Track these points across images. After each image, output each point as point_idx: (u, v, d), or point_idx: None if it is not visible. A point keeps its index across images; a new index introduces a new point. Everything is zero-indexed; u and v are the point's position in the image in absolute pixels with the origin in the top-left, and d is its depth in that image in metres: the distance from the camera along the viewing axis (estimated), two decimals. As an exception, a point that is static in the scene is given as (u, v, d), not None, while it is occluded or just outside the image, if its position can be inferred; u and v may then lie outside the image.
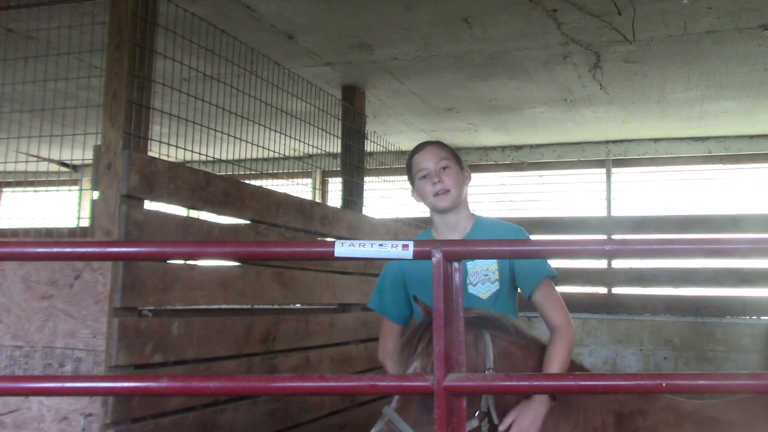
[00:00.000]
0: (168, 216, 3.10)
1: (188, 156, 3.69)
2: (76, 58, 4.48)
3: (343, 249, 1.74)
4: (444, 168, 2.62)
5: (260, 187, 3.82)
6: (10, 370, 2.87)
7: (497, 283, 2.61)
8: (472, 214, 2.74)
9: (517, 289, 2.69)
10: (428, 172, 2.62)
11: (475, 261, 2.60)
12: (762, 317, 6.58)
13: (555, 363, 2.36)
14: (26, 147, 5.02)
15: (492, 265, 2.61)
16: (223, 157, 4.03)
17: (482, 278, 2.60)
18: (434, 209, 2.67)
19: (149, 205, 3.04)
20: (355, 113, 5.50)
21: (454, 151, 2.72)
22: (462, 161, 2.74)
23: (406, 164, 2.75)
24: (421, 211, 7.43)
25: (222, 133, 3.71)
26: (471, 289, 2.59)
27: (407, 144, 7.44)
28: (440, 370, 1.68)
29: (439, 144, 2.71)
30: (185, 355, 3.14)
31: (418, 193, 2.69)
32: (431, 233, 2.74)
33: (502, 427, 2.20)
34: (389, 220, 5.84)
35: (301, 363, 3.99)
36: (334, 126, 5.15)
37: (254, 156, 4.08)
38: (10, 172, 4.15)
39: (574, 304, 7.07)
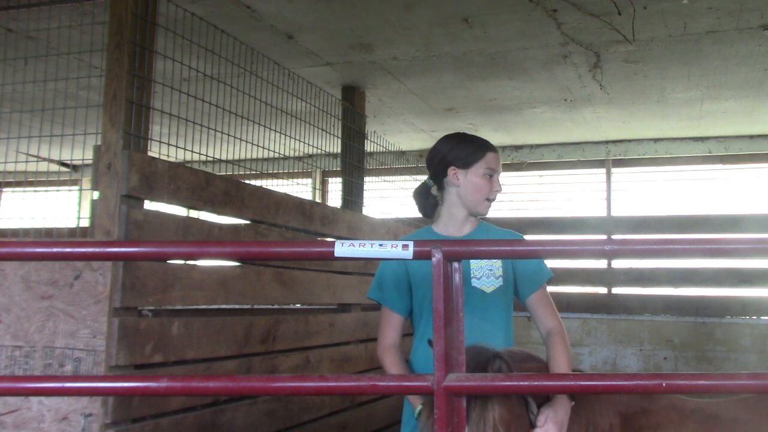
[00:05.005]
0: (168, 216, 3.10)
1: (188, 156, 3.69)
2: (76, 58, 4.48)
3: (343, 249, 1.73)
4: (499, 179, 2.66)
5: (260, 187, 3.82)
6: (10, 370, 2.87)
7: (501, 279, 2.61)
8: (476, 218, 2.75)
9: (514, 292, 2.70)
10: (494, 175, 2.63)
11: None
12: (762, 317, 6.58)
13: (563, 364, 2.44)
14: (26, 147, 5.02)
15: (496, 262, 2.62)
16: (223, 157, 4.03)
17: (486, 272, 2.60)
18: (474, 210, 2.63)
19: (149, 205, 3.03)
20: (355, 113, 5.50)
21: None
22: None
23: (466, 144, 2.63)
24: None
25: (222, 133, 3.70)
26: (475, 283, 2.57)
27: (407, 144, 7.44)
28: (440, 370, 1.68)
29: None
30: (185, 355, 3.14)
31: (469, 183, 2.60)
32: (432, 228, 2.73)
33: (539, 423, 2.21)
34: (389, 220, 5.84)
35: (301, 363, 3.99)
36: (334, 126, 5.15)
37: (254, 156, 4.08)
38: (10, 172, 4.15)
39: (574, 304, 7.08)
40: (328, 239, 4.39)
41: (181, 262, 3.14)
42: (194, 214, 3.53)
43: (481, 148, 2.63)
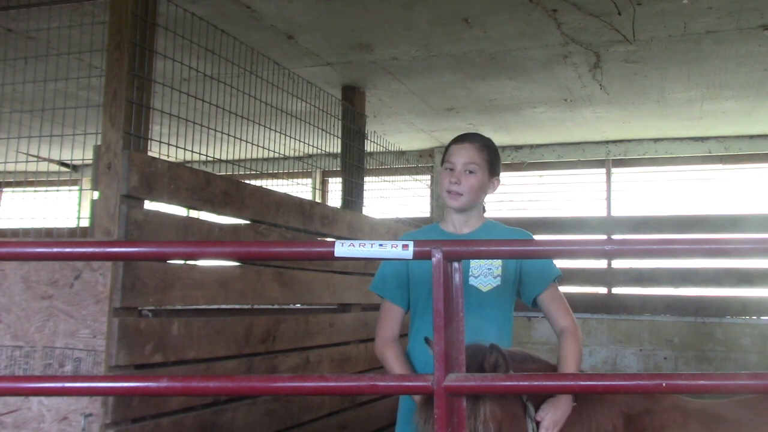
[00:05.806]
0: (168, 216, 3.10)
1: (188, 156, 3.69)
2: (76, 58, 4.48)
3: (343, 249, 1.74)
4: (469, 171, 2.59)
5: (260, 187, 3.82)
6: (10, 370, 2.87)
7: (499, 278, 2.60)
8: (483, 217, 2.74)
9: (516, 292, 2.69)
10: (452, 167, 2.60)
11: None
12: (762, 317, 6.58)
13: (571, 364, 2.43)
14: (26, 147, 5.01)
15: (496, 261, 2.61)
16: (223, 157, 4.03)
17: (485, 271, 2.60)
18: (445, 204, 2.68)
19: (149, 205, 3.04)
20: (355, 113, 5.50)
21: (494, 155, 2.66)
22: (496, 167, 2.67)
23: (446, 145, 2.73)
24: (421, 211, 7.43)
25: (222, 133, 3.71)
26: (472, 281, 2.58)
27: (407, 144, 7.44)
28: (440, 370, 1.68)
29: (478, 145, 2.63)
30: (185, 355, 3.14)
31: (440, 177, 2.69)
32: (439, 225, 2.75)
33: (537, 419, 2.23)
34: (389, 220, 5.84)
35: (301, 363, 4.00)
36: (334, 126, 5.15)
37: (254, 156, 4.08)
38: (10, 172, 4.15)
39: (574, 304, 6.99)
40: (328, 239, 4.39)
41: (181, 262, 3.15)
42: (194, 214, 3.53)
43: (449, 145, 2.67)
